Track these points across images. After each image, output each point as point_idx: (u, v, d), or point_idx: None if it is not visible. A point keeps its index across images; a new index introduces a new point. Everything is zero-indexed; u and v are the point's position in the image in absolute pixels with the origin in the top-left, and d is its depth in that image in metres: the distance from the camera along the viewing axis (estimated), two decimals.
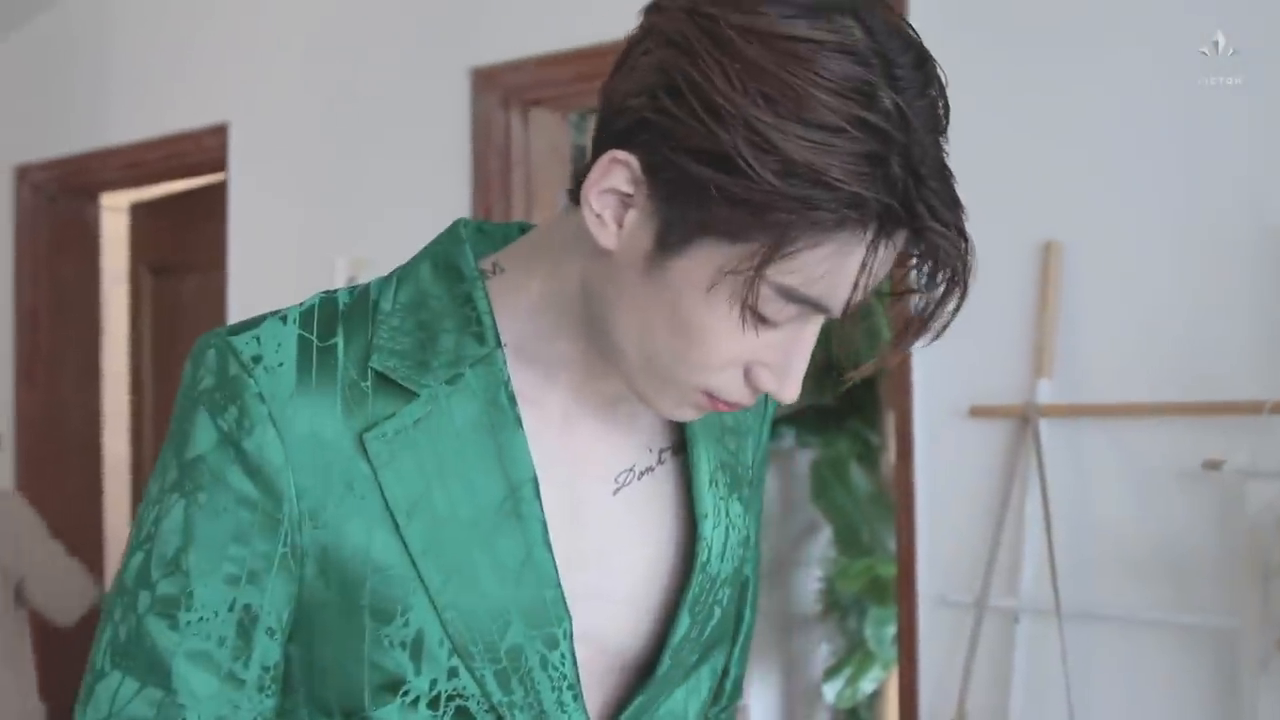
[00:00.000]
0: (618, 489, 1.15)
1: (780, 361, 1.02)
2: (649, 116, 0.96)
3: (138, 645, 1.05)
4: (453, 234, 1.13)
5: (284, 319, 1.08)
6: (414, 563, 1.04)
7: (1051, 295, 2.68)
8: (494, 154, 3.58)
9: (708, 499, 1.16)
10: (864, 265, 0.96)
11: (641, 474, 1.16)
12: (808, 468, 5.76)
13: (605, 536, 1.13)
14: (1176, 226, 2.57)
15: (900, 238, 0.97)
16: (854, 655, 5.58)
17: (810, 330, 1.02)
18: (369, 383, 1.06)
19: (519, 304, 1.10)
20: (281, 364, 1.05)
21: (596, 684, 1.13)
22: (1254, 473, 2.43)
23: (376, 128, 3.83)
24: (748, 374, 1.02)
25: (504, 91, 3.56)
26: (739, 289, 0.96)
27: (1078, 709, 2.58)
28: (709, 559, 1.15)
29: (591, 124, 3.38)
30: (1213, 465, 2.46)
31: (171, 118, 4.36)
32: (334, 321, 1.08)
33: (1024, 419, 2.71)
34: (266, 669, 1.07)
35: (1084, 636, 2.62)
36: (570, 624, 1.08)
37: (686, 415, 1.08)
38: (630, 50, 1.01)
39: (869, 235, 0.95)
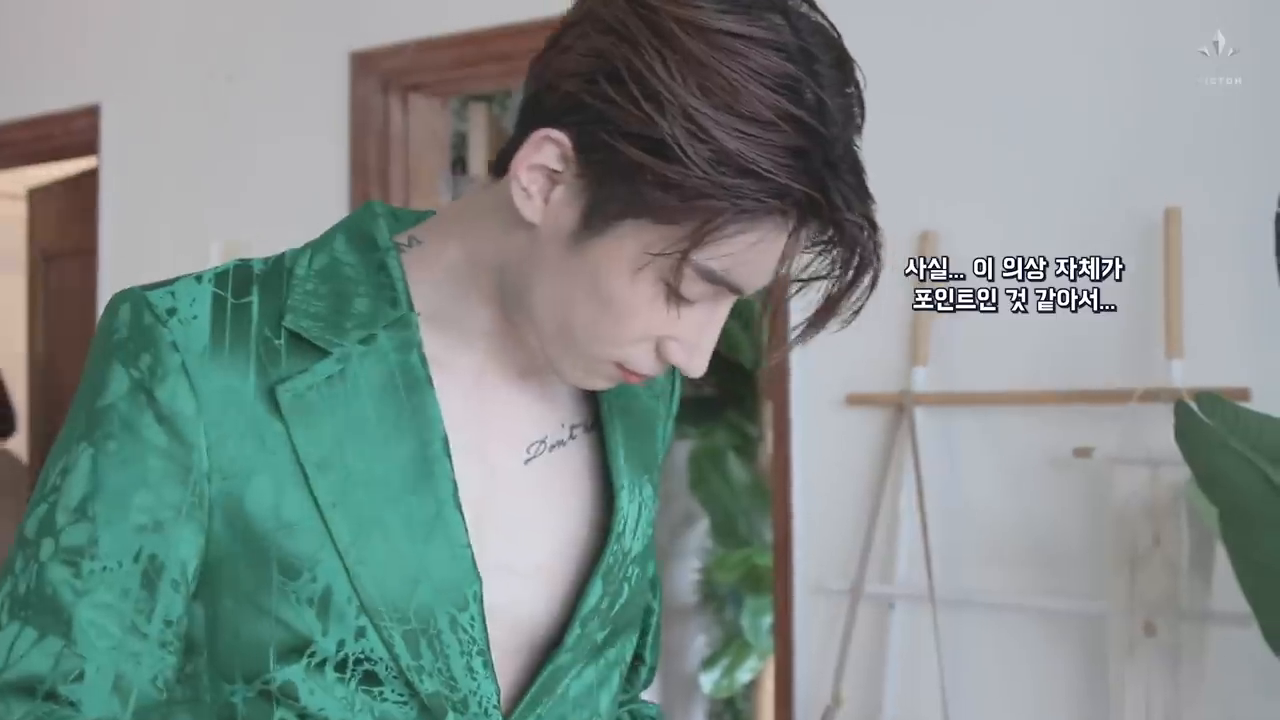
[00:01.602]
0: (529, 459, 1.15)
1: (692, 338, 1.05)
2: (585, 99, 0.99)
3: (38, 595, 1.03)
4: (367, 209, 1.15)
5: (199, 279, 1.08)
6: (323, 517, 1.04)
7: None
8: (373, 139, 3.55)
9: (624, 472, 1.17)
10: (784, 253, 1.01)
11: (553, 446, 1.17)
12: (685, 459, 5.77)
13: (515, 507, 1.13)
14: (1047, 214, 2.60)
15: (814, 227, 1.01)
16: (731, 645, 5.59)
17: (722, 309, 1.06)
18: (282, 341, 1.06)
19: (434, 272, 1.12)
20: (196, 317, 1.05)
21: (507, 662, 1.12)
22: (1121, 460, 2.48)
23: (253, 110, 3.78)
24: (659, 347, 1.06)
25: (383, 76, 3.53)
26: (663, 270, 1.00)
27: (951, 694, 2.61)
28: (624, 530, 1.16)
29: (471, 112, 3.38)
30: (1083, 453, 2.50)
31: (40, 98, 4.26)
32: (249, 283, 1.08)
33: (899, 407, 2.74)
34: (169, 623, 1.05)
35: (957, 622, 2.66)
36: (480, 586, 1.07)
37: (597, 385, 1.10)
38: (565, 31, 1.03)
39: (791, 224, 0.99)
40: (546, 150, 1.01)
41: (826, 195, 0.98)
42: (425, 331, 1.11)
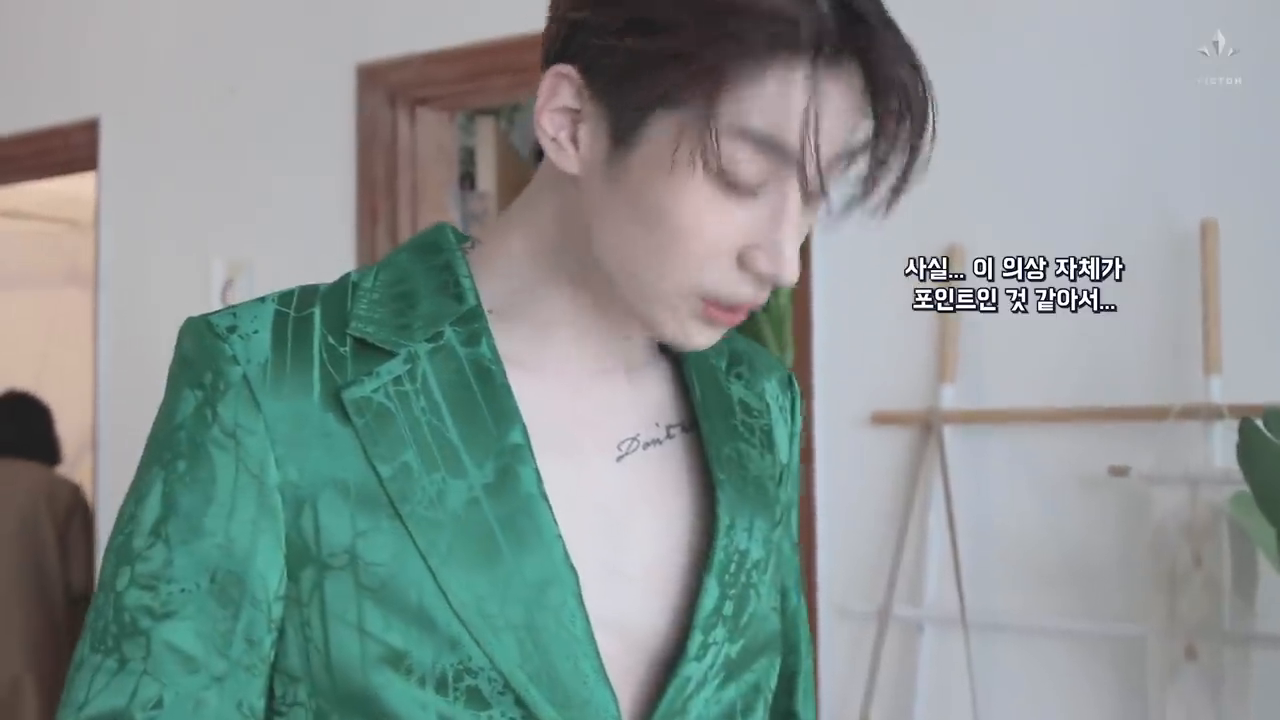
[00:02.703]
0: (621, 456, 1.10)
1: (769, 236, 0.98)
2: (573, 20, 0.99)
3: (117, 624, 1.00)
4: (435, 227, 1.14)
5: (262, 300, 1.07)
6: (402, 521, 1.00)
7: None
8: (380, 153, 3.48)
9: (724, 466, 1.12)
10: (810, 95, 0.94)
11: (647, 445, 1.12)
12: None
13: (610, 506, 1.08)
14: (1079, 230, 2.54)
15: (848, 69, 0.96)
16: None
17: (792, 200, 0.98)
18: (347, 349, 1.04)
19: (500, 266, 1.09)
20: (257, 331, 1.03)
21: (628, 679, 1.05)
22: (1158, 479, 2.42)
23: (258, 124, 3.71)
24: (740, 262, 0.99)
25: (390, 89, 3.46)
26: (703, 155, 0.95)
27: None
28: (733, 524, 1.09)
29: (479, 126, 3.30)
30: (1119, 472, 2.44)
31: (39, 111, 4.19)
32: (312, 298, 1.07)
33: (927, 425, 2.68)
34: (252, 643, 1.01)
35: (989, 646, 2.59)
36: (576, 581, 1.01)
37: (697, 335, 1.03)
38: None
39: (807, 59, 0.94)
40: (560, 90, 1.00)
41: (841, 21, 0.94)
42: (500, 329, 1.07)
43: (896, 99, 0.97)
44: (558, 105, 1.01)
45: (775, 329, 6.22)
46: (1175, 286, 2.45)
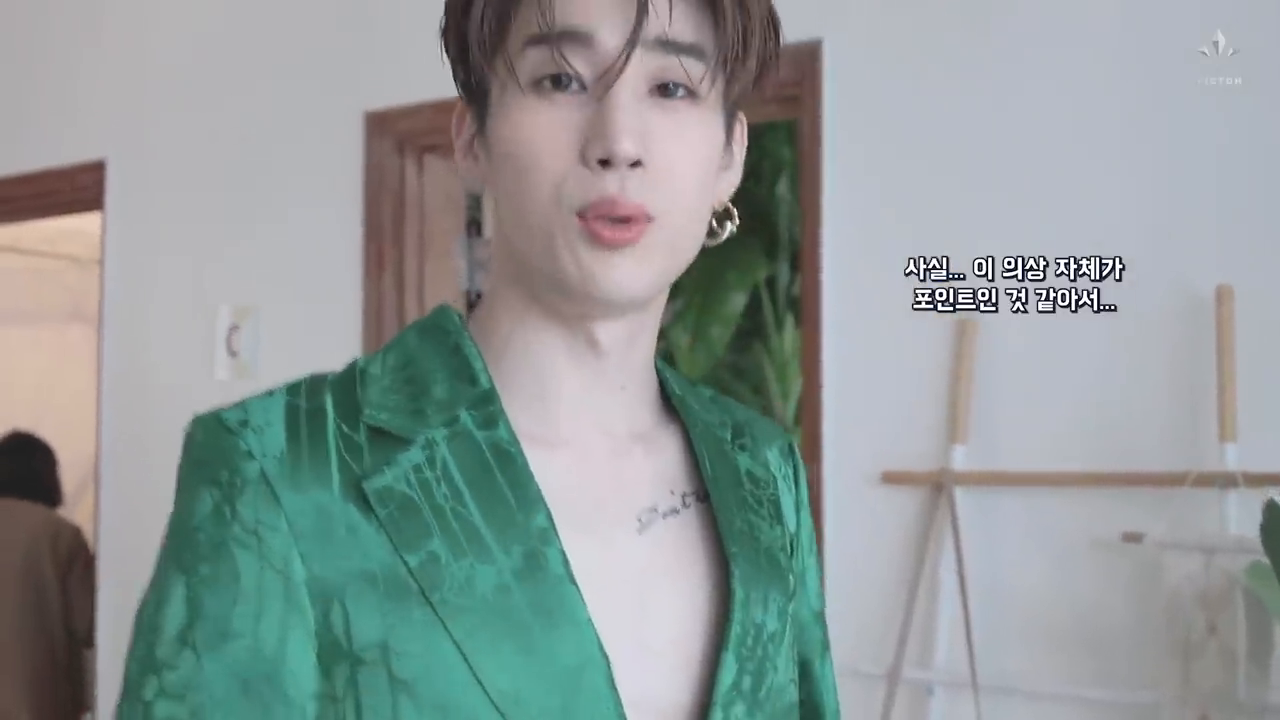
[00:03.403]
0: (642, 528, 1.09)
1: (597, 124, 0.99)
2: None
3: None
4: (437, 308, 1.13)
5: (270, 393, 1.05)
6: (435, 612, 0.97)
7: (967, 360, 2.63)
8: (387, 201, 3.47)
9: (736, 539, 1.10)
10: None
11: (666, 514, 1.10)
12: None
13: (636, 581, 1.06)
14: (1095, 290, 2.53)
15: None
16: None
17: (612, 86, 0.99)
18: (362, 437, 1.02)
19: (494, 334, 1.10)
20: (269, 424, 1.01)
21: None
22: (1173, 546, 2.40)
23: (265, 170, 3.70)
24: (583, 160, 0.99)
25: (398, 137, 3.46)
26: (513, 80, 1.01)
27: None
28: (747, 598, 1.08)
29: None
30: (1133, 538, 2.42)
31: (44, 152, 4.18)
32: (321, 388, 1.05)
33: (938, 486, 2.66)
34: None
35: (1000, 710, 2.57)
36: (609, 666, 1.00)
37: (597, 267, 1.01)
38: None
39: None
40: (462, 123, 1.09)
41: None
42: (514, 406, 1.06)
43: None
44: (463, 139, 1.09)
45: (779, 373, 6.22)
46: (1190, 352, 2.44)
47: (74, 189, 4.09)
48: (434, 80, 1.16)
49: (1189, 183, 2.49)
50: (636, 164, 0.99)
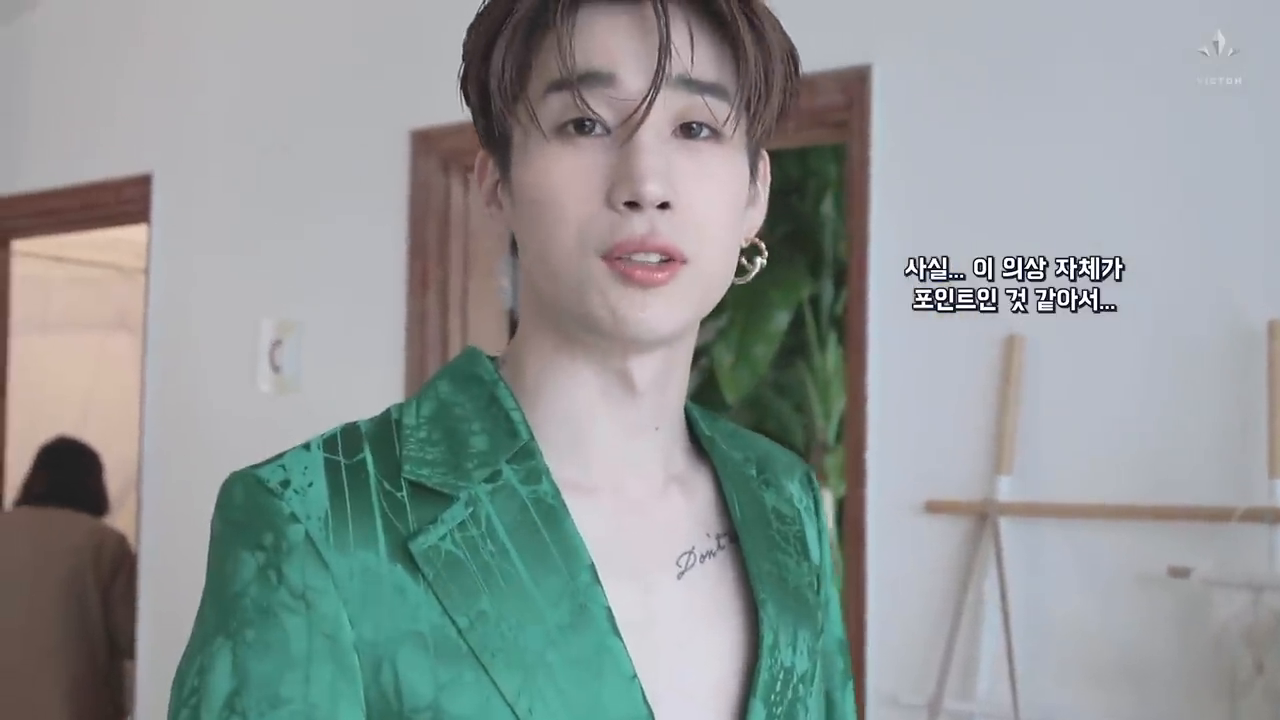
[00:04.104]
0: (681, 573, 1.09)
1: (623, 167, 0.99)
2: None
3: None
4: (466, 353, 1.13)
5: (306, 447, 1.04)
6: (486, 670, 0.97)
7: (1013, 389, 2.61)
8: (432, 219, 3.47)
9: (765, 583, 1.11)
10: (584, 25, 1.00)
11: (703, 557, 1.11)
12: None
13: (678, 626, 1.07)
14: (1145, 322, 2.50)
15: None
16: None
17: (635, 129, 0.99)
18: (404, 494, 1.01)
19: (521, 375, 1.10)
20: (311, 484, 1.00)
21: None
22: (1219, 582, 2.37)
23: (310, 186, 3.71)
24: (609, 203, 0.99)
25: (444, 155, 3.46)
26: (535, 127, 1.00)
27: None
28: (776, 643, 1.08)
29: None
30: (1179, 573, 2.40)
31: (92, 165, 4.20)
32: (358, 442, 1.04)
33: (982, 516, 2.64)
34: None
35: None
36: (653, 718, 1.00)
37: (626, 309, 1.00)
38: None
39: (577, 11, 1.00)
40: (485, 169, 1.10)
41: None
42: (551, 453, 1.06)
43: (665, 16, 0.99)
44: (487, 184, 1.09)
45: (821, 392, 6.19)
46: (1241, 386, 2.41)
47: (120, 202, 4.11)
48: None
49: (1240, 215, 2.46)
50: (664, 205, 0.98)
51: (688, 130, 1.00)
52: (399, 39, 3.56)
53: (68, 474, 4.48)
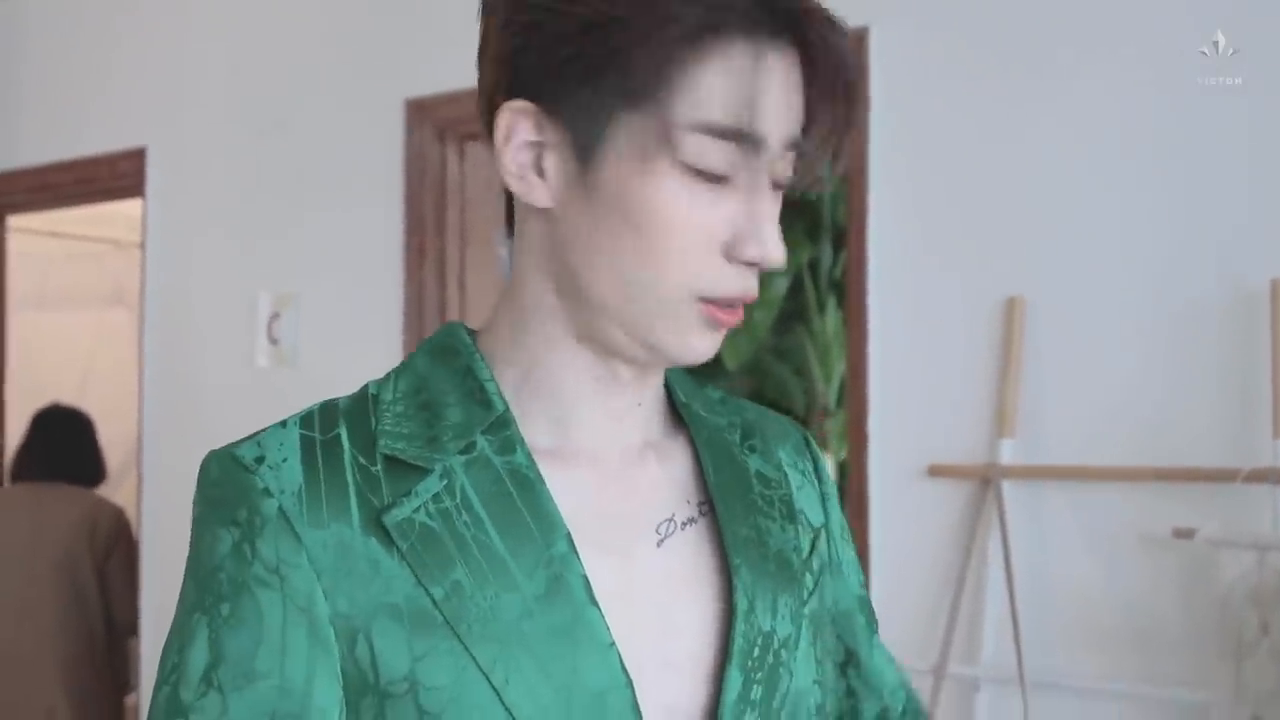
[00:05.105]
0: (661, 540, 1.09)
1: (749, 223, 1.00)
2: (517, 45, 0.99)
3: None
4: (445, 328, 1.12)
5: (283, 424, 1.04)
6: (461, 641, 0.97)
7: (1015, 352, 2.60)
8: (428, 189, 3.45)
9: (741, 548, 1.10)
10: (757, 71, 0.97)
11: (684, 524, 1.10)
12: None
13: (657, 596, 1.06)
14: (1146, 283, 2.49)
15: (785, 48, 0.99)
16: None
17: (763, 183, 1.01)
18: (379, 468, 1.01)
19: (508, 353, 1.08)
20: (285, 460, 1.00)
21: None
22: (1225, 543, 2.36)
23: (305, 157, 3.69)
24: (726, 254, 1.00)
25: (439, 124, 3.44)
26: (670, 151, 0.97)
27: None
28: (752, 608, 1.08)
29: None
30: (1184, 534, 2.39)
31: (86, 139, 4.18)
32: (335, 418, 1.04)
33: (985, 480, 2.63)
34: None
35: (1048, 707, 2.54)
36: (631, 689, 1.00)
37: (698, 342, 1.03)
38: (484, 38, 1.05)
39: (758, 39, 0.97)
40: (517, 126, 1.01)
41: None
42: (528, 424, 1.06)
43: (836, 76, 0.99)
44: (519, 141, 1.01)
45: (821, 356, 6.18)
46: (1243, 346, 2.40)
47: (115, 176, 4.09)
48: (475, 67, 1.11)
49: (1239, 175, 2.44)
50: None
51: (776, 183, 1.02)
52: (393, 8, 3.53)
53: (61, 443, 4.44)
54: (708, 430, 1.15)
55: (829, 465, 5.53)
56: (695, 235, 0.98)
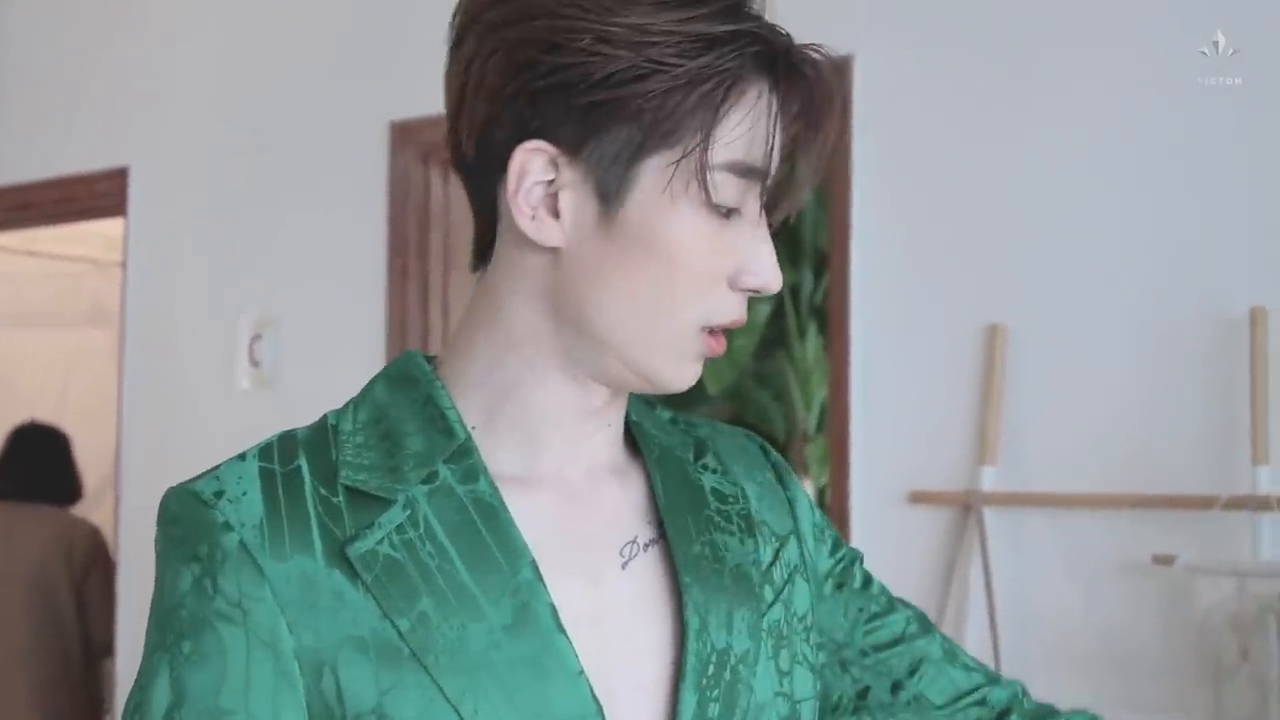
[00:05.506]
0: (625, 563, 1.08)
1: (752, 253, 1.03)
2: (536, 87, 0.97)
3: None
4: (403, 356, 1.11)
5: (242, 457, 1.03)
6: (428, 673, 0.97)
7: (996, 380, 2.61)
8: (412, 212, 3.46)
9: (691, 567, 1.09)
10: (769, 109, 1.00)
11: (646, 546, 1.10)
12: None
13: (625, 616, 1.06)
14: (1126, 311, 2.51)
15: (772, 76, 1.01)
16: None
17: (760, 214, 1.04)
18: (341, 499, 1.00)
19: (475, 378, 1.07)
20: (245, 493, 0.99)
21: None
22: (1204, 570, 2.38)
23: (288, 179, 3.69)
24: (733, 284, 1.03)
25: (423, 147, 3.44)
26: (694, 188, 0.98)
27: None
28: (704, 626, 1.07)
29: None
30: (1163, 561, 2.40)
31: (67, 158, 4.17)
32: (294, 450, 1.03)
33: (966, 506, 2.64)
34: None
35: None
36: (603, 714, 1.00)
37: (690, 373, 1.06)
38: (467, 70, 1.02)
39: (765, 79, 0.99)
40: (530, 166, 0.99)
41: (773, 34, 0.99)
42: (490, 450, 1.06)
43: (827, 110, 1.01)
44: (530, 182, 1.00)
45: (802, 381, 6.20)
46: (1223, 374, 2.41)
47: (96, 195, 4.08)
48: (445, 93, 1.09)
49: (1223, 203, 2.46)
50: None
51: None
52: (377, 32, 3.54)
53: (37, 460, 4.42)
54: (659, 449, 1.15)
55: (807, 487, 5.53)
56: (710, 271, 1.01)
